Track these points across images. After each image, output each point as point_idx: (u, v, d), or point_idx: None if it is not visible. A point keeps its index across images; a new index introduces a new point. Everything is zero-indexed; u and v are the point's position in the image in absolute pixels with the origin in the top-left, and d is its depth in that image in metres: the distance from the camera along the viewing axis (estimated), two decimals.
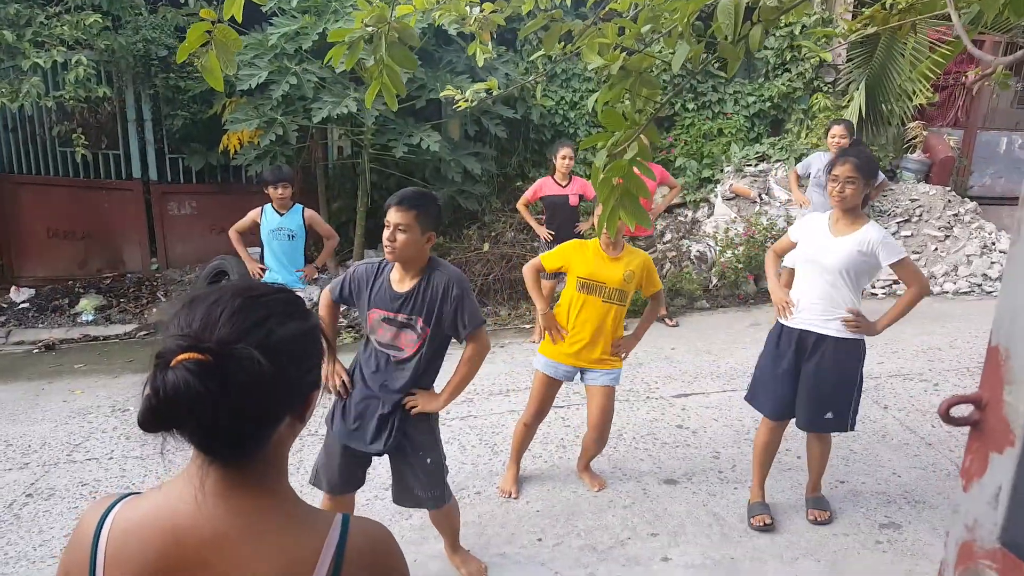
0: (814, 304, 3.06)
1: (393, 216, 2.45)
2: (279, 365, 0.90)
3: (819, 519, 3.29)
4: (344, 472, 2.70)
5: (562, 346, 3.37)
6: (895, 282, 7.27)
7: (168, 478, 1.02)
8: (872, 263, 2.99)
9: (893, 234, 7.68)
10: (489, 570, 2.96)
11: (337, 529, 0.97)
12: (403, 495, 2.74)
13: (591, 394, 3.43)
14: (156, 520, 0.93)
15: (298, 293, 5.84)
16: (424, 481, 2.66)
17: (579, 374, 3.42)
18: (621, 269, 3.31)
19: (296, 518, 0.97)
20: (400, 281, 2.57)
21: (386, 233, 2.47)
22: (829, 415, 3.11)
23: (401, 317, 2.55)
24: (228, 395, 0.86)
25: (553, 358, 3.40)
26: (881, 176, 3.53)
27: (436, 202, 2.57)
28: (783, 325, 3.17)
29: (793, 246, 3.23)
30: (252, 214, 5.12)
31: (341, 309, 2.93)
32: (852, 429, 3.17)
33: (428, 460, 2.65)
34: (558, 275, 3.43)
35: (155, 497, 0.97)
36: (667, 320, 6.36)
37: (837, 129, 5.56)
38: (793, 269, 5.38)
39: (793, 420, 3.25)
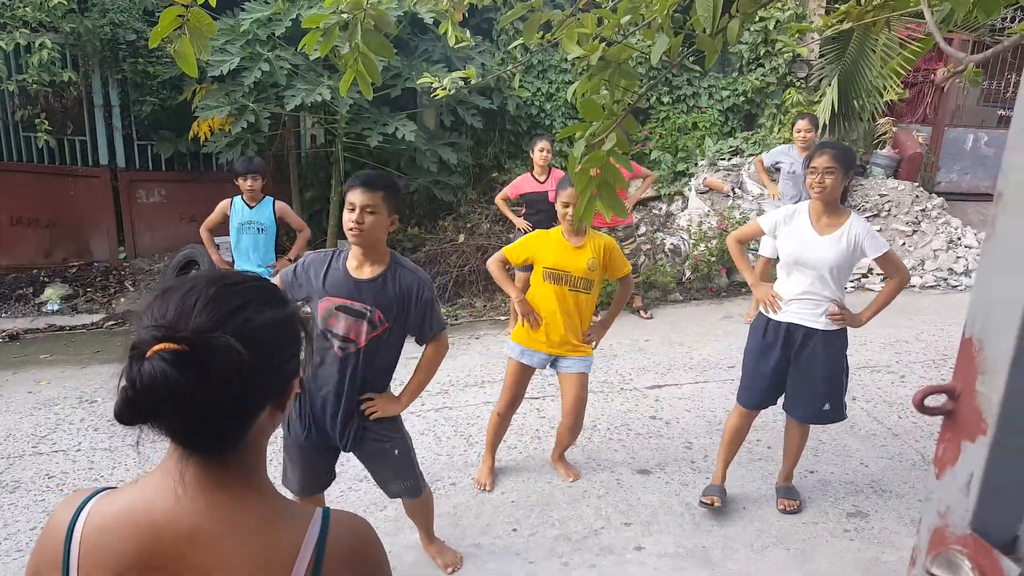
0: (801, 299, 3.08)
1: (359, 198, 2.35)
2: (257, 353, 0.89)
3: (788, 508, 3.34)
4: (310, 473, 2.65)
5: (535, 334, 3.37)
6: (863, 275, 7.41)
7: (141, 471, 0.99)
8: (857, 256, 3.03)
9: None
10: (464, 560, 2.96)
11: (317, 523, 0.96)
12: (383, 488, 2.73)
13: (564, 382, 3.44)
14: (133, 514, 0.91)
15: None
16: (394, 472, 2.65)
17: (551, 363, 3.43)
18: (585, 257, 3.31)
19: (276, 512, 0.96)
20: (359, 268, 2.45)
21: (352, 216, 2.35)
22: (827, 407, 3.16)
23: (358, 305, 2.42)
24: (206, 385, 0.84)
25: (526, 345, 3.40)
26: None
27: (398, 185, 2.53)
28: (768, 319, 3.18)
29: (759, 233, 3.23)
30: (221, 207, 5.02)
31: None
32: (845, 418, 3.25)
33: (396, 451, 2.61)
34: (530, 267, 3.42)
35: (131, 491, 0.94)
36: (642, 312, 6.41)
37: (802, 123, 5.73)
38: (768, 259, 5.50)
39: (761, 409, 3.31)
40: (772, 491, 3.49)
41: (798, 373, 3.14)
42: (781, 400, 3.32)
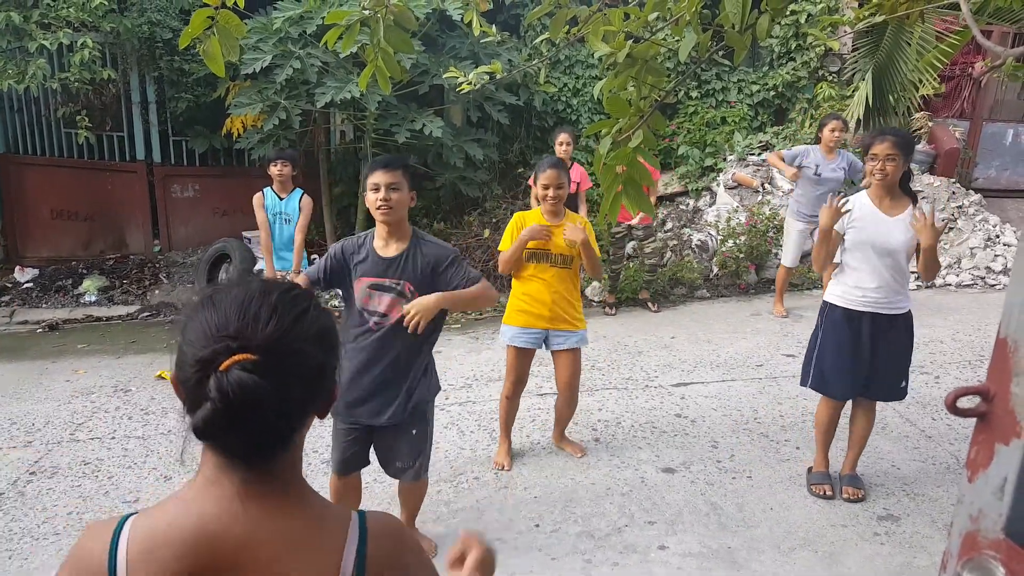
0: (881, 288, 3.16)
1: (382, 178, 2.50)
2: (320, 359, 0.92)
3: (854, 496, 3.36)
4: (348, 454, 2.74)
5: (523, 313, 3.51)
6: None
7: (173, 459, 0.99)
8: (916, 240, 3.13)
9: None
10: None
11: (356, 526, 0.98)
12: (384, 465, 2.81)
13: (558, 359, 3.60)
14: (185, 529, 0.89)
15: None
16: (408, 450, 2.72)
17: (544, 340, 3.57)
18: (560, 230, 3.45)
19: (320, 518, 0.96)
20: (385, 247, 2.61)
21: (378, 195, 2.50)
22: (903, 383, 3.31)
23: (388, 282, 2.58)
24: (284, 392, 0.86)
25: (521, 325, 3.53)
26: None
27: (412, 163, 2.68)
28: (846, 309, 3.22)
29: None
30: (256, 200, 5.05)
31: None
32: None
33: (414, 431, 2.71)
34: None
35: (174, 507, 0.92)
36: (650, 304, 6.41)
37: (836, 123, 5.71)
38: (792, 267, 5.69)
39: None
40: (800, 492, 3.45)
41: (883, 355, 3.23)
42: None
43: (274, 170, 5.03)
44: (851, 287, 3.22)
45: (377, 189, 2.51)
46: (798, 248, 6.00)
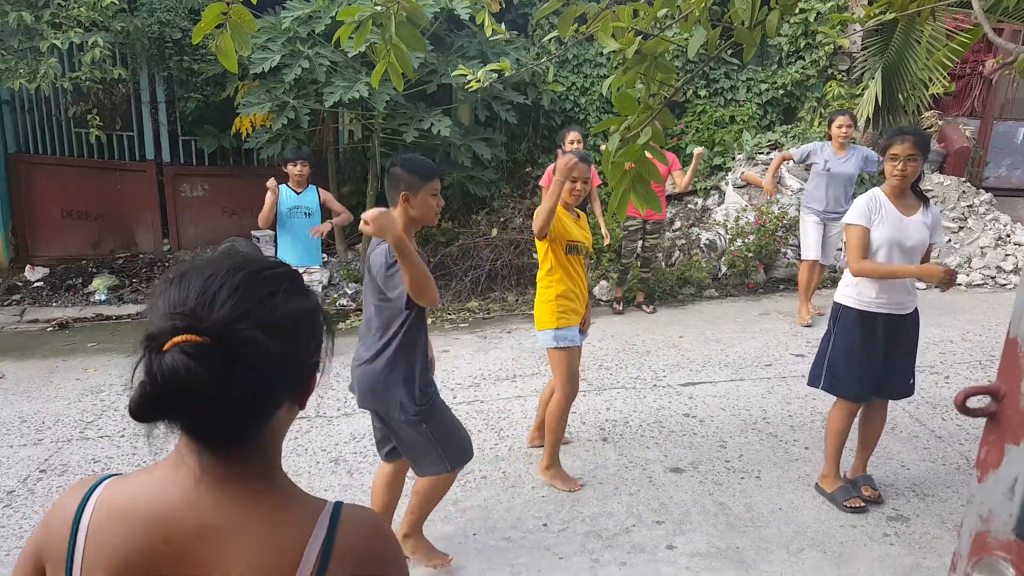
0: (896, 288, 3.16)
1: (439, 184, 2.61)
2: (282, 347, 0.84)
3: (874, 496, 3.36)
4: (379, 437, 2.84)
5: (574, 311, 3.42)
6: None
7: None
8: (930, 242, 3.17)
9: None
10: (494, 554, 2.98)
11: (326, 520, 0.90)
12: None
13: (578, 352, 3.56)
14: (144, 506, 0.86)
15: (314, 271, 5.80)
16: (408, 447, 2.68)
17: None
18: (586, 229, 3.50)
19: (285, 510, 0.90)
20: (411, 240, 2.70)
21: (439, 202, 2.62)
22: (912, 380, 3.33)
23: None
24: (229, 380, 0.79)
25: (573, 325, 3.42)
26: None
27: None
28: (862, 311, 3.20)
29: (866, 235, 3.13)
30: (272, 185, 5.03)
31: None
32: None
33: (424, 425, 2.68)
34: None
35: (142, 481, 0.90)
36: (644, 307, 6.41)
37: (844, 119, 5.68)
38: (814, 263, 5.60)
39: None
40: (809, 492, 3.43)
41: (897, 353, 3.24)
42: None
43: (293, 170, 5.10)
44: (866, 287, 3.18)
45: (436, 195, 2.59)
46: (816, 239, 5.84)
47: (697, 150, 5.93)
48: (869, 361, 3.22)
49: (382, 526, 0.97)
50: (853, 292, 3.23)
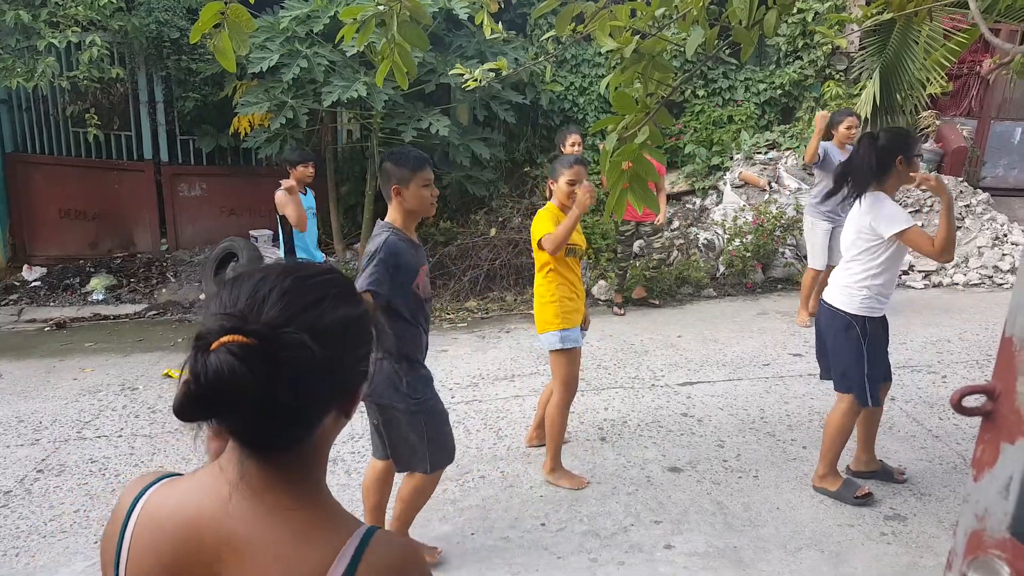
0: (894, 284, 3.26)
1: (430, 174, 2.62)
2: (330, 352, 0.84)
3: (903, 473, 3.55)
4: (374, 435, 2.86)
5: (576, 311, 3.45)
6: (904, 272, 7.23)
7: (180, 459, 0.97)
8: None
9: None
10: (492, 553, 2.98)
11: (355, 542, 0.87)
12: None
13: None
14: (182, 511, 0.87)
15: None
16: (390, 440, 2.71)
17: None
18: (579, 231, 3.51)
19: (315, 527, 0.88)
20: (410, 235, 2.70)
21: (432, 192, 2.62)
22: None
23: (425, 266, 2.72)
24: (274, 383, 0.79)
25: (575, 326, 3.42)
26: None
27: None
28: (879, 318, 3.23)
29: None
30: (295, 197, 4.87)
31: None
32: None
33: (405, 421, 2.69)
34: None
35: (187, 485, 0.91)
36: (651, 300, 6.44)
37: (852, 119, 5.62)
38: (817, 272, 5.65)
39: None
40: (807, 491, 3.44)
41: (883, 350, 3.34)
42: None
43: (305, 171, 5.06)
44: (880, 293, 3.18)
45: (428, 185, 2.59)
46: (824, 247, 5.63)
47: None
48: (885, 367, 3.35)
49: (413, 556, 0.92)
50: (869, 301, 3.18)
